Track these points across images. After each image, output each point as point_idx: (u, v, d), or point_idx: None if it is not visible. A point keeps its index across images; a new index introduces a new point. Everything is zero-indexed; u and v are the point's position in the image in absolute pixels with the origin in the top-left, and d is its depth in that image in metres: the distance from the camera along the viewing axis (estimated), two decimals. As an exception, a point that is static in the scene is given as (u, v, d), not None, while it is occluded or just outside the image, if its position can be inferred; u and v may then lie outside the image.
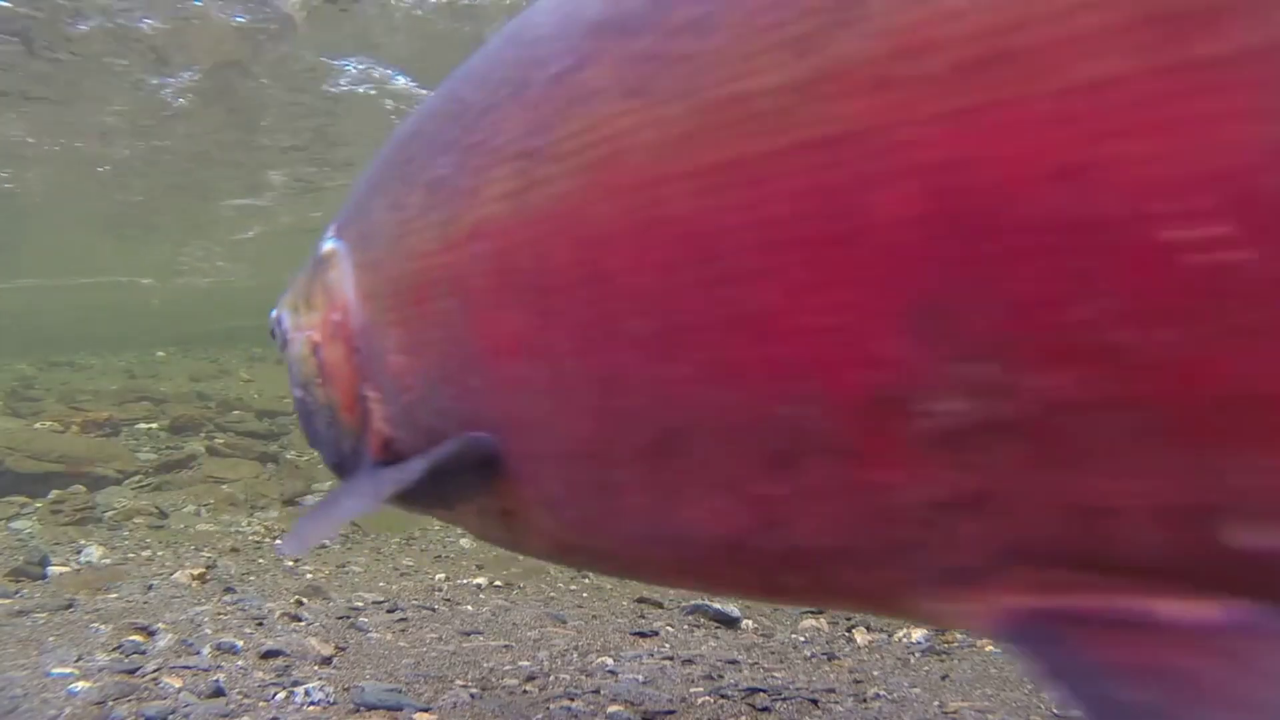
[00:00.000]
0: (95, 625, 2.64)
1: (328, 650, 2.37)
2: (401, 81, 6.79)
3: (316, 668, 2.24)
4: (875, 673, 2.35)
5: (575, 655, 2.43)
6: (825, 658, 2.52)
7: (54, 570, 3.61)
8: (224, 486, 5.55)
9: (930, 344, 0.43)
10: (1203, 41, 0.35)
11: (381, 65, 6.50)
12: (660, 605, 3.22)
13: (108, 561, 3.88)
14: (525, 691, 2.12)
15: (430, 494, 0.79)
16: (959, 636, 2.74)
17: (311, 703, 1.95)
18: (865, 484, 0.49)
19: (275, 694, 2.00)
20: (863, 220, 0.44)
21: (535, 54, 0.65)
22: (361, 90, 6.87)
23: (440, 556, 4.24)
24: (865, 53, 0.44)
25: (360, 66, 6.51)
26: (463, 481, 0.75)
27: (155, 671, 2.12)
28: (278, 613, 2.76)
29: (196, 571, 3.54)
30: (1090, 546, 0.42)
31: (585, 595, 3.48)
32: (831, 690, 2.17)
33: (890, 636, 2.77)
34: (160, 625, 2.56)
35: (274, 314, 1.09)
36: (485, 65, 0.74)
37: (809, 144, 0.45)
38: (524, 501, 0.74)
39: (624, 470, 0.61)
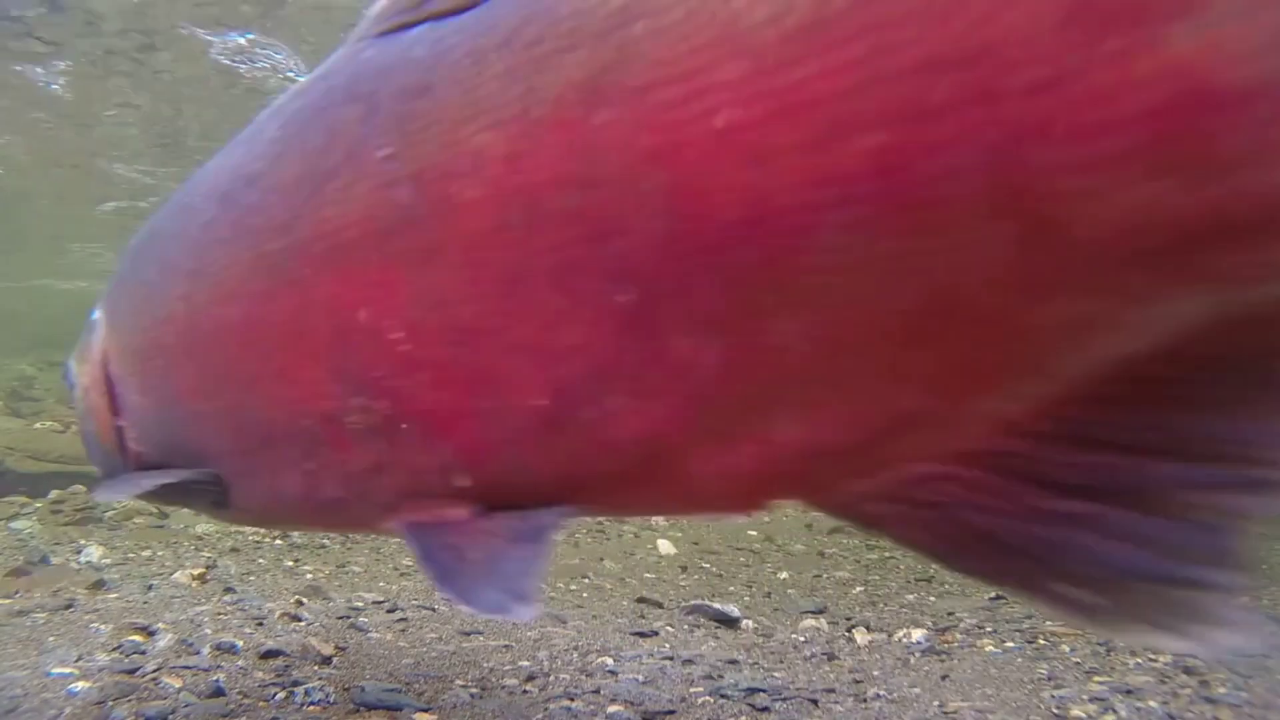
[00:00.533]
0: (95, 625, 2.64)
1: (328, 650, 2.37)
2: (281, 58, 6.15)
3: (316, 668, 2.24)
4: (875, 673, 2.35)
5: (575, 655, 2.43)
6: (825, 658, 2.51)
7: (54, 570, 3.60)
8: (224, 486, 5.55)
9: (343, 385, 0.82)
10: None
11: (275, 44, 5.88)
12: (660, 605, 3.22)
13: (108, 561, 3.88)
14: (525, 691, 2.12)
15: (179, 491, 1.16)
16: (959, 636, 2.74)
17: (311, 703, 1.95)
18: (341, 461, 0.88)
19: (275, 694, 2.00)
20: (308, 326, 0.84)
21: (195, 205, 1.03)
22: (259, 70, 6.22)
23: (440, 556, 4.23)
24: (300, 239, 0.82)
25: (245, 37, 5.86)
26: (203, 487, 1.11)
27: (155, 671, 2.12)
28: (278, 613, 2.76)
29: (196, 571, 3.54)
30: (422, 487, 0.83)
31: (585, 595, 3.48)
32: (831, 690, 2.17)
33: (890, 636, 2.76)
34: (160, 625, 2.56)
35: (67, 363, 1.46)
36: (175, 206, 1.14)
37: (290, 283, 0.84)
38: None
39: (253, 459, 1.01)
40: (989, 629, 2.83)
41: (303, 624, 2.66)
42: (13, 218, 10.70)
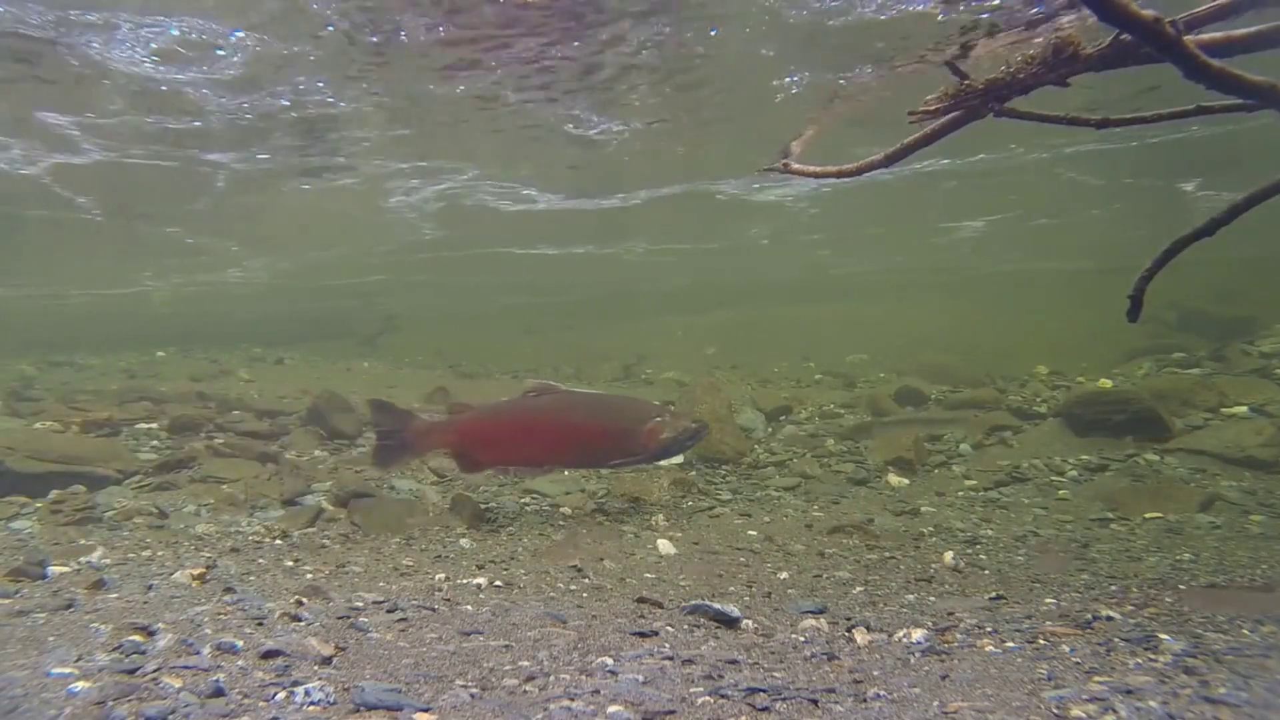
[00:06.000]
0: (95, 625, 2.64)
1: (328, 650, 2.36)
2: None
3: (316, 668, 2.24)
4: (875, 673, 2.35)
5: (575, 655, 2.43)
6: (825, 658, 2.51)
7: (54, 570, 3.60)
8: (224, 486, 5.54)
9: None
10: None
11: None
12: (660, 605, 3.22)
13: (108, 561, 3.88)
14: (525, 691, 2.12)
15: None
16: (959, 636, 2.73)
17: (311, 703, 1.95)
18: None
19: (275, 694, 1.99)
20: None
21: None
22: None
23: (440, 556, 4.23)
24: None
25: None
26: None
27: (155, 671, 2.12)
28: (278, 613, 2.76)
29: (196, 571, 3.53)
30: None
31: (585, 595, 3.48)
32: (831, 690, 2.17)
33: (890, 636, 2.76)
34: (160, 625, 2.56)
35: None
36: None
37: None
38: None
39: None
40: (989, 629, 2.83)
41: (303, 624, 2.66)
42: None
